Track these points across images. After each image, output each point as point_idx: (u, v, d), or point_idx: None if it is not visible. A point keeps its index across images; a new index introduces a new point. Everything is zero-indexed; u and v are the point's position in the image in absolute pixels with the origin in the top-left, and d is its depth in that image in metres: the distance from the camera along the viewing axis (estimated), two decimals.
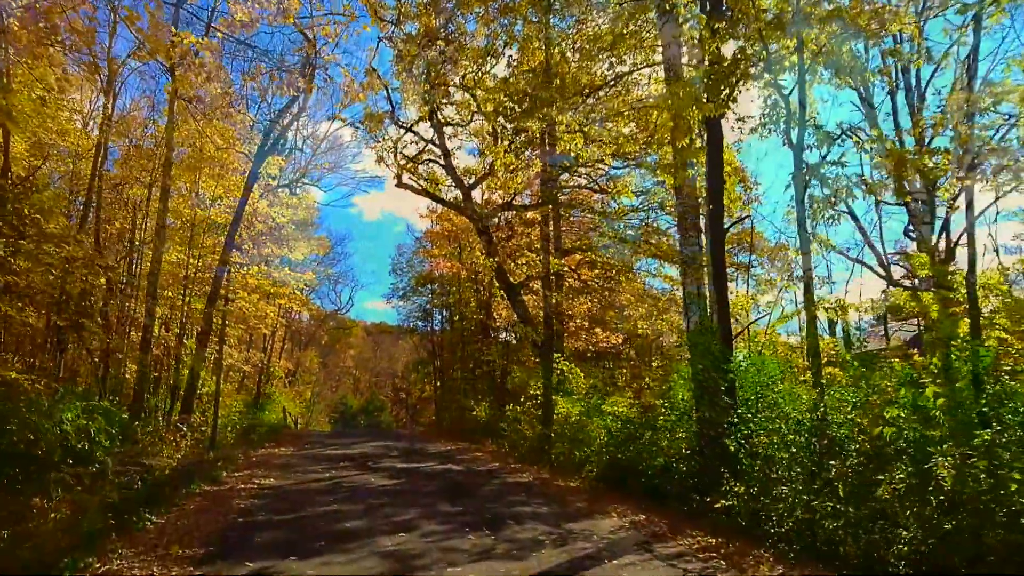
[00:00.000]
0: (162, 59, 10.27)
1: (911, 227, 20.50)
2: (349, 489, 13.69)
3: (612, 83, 14.66)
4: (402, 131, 27.73)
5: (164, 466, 15.21)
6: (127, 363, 21.14)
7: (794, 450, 9.98)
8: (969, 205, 9.85)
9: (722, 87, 8.95)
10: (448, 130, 27.85)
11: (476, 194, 30.48)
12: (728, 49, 10.71)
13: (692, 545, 8.69)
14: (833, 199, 9.45)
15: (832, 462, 9.15)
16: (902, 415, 8.36)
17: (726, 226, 12.82)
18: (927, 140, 12.21)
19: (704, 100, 8.89)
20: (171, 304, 24.34)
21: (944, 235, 19.31)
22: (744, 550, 8.40)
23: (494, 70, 25.68)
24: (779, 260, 28.69)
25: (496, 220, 31.64)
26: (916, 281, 20.57)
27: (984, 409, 7.85)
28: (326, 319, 57.94)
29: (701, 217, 13.16)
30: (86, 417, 12.13)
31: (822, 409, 9.53)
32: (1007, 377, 8.50)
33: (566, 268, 26.69)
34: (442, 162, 27.90)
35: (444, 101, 27.41)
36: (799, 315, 9.78)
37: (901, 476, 7.58)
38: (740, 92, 9.64)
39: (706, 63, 9.52)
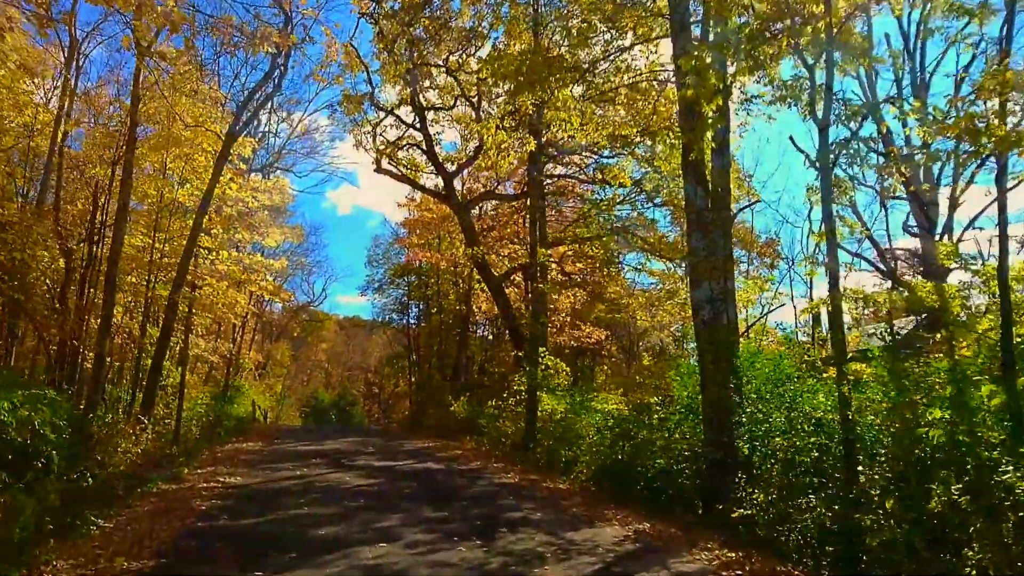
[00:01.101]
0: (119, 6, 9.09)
1: (912, 220, 19.89)
2: (322, 490, 12.59)
3: (612, 55, 13.66)
4: (382, 114, 26.68)
5: (120, 462, 14.02)
6: (86, 351, 19.85)
7: (816, 454, 9.08)
8: (999, 182, 8.92)
9: (755, 45, 7.99)
10: (429, 115, 26.83)
11: (457, 184, 29.54)
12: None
13: (711, 560, 7.72)
14: (862, 179, 8.51)
15: (863, 468, 8.27)
16: (947, 416, 7.48)
17: (734, 211, 11.88)
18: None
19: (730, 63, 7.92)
20: (135, 290, 23.04)
21: (948, 229, 18.69)
22: (771, 567, 7.45)
23: (479, 53, 24.77)
24: (768, 256, 28.03)
25: (478, 210, 30.65)
26: (918, 275, 19.94)
27: None
28: (299, 311, 56.59)
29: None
30: (29, 408, 10.91)
31: (851, 409, 8.61)
32: None
33: (552, 260, 25.67)
34: (423, 147, 26.88)
35: (427, 84, 26.39)
36: (824, 305, 8.86)
37: (957, 487, 6.65)
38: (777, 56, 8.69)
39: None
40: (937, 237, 18.04)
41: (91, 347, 19.44)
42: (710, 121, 8.71)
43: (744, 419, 10.63)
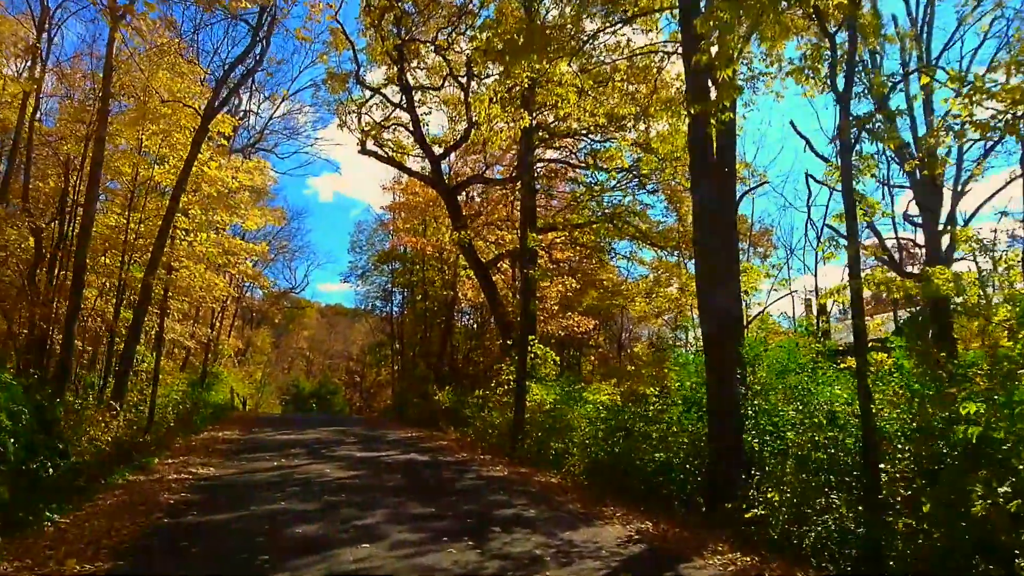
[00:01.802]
0: None
1: (913, 209, 19.33)
2: (301, 482, 11.85)
3: (612, 28, 12.91)
4: (368, 93, 25.82)
5: (86, 451, 13.23)
6: (55, 335, 18.97)
7: (832, 450, 8.45)
8: None
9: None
10: (417, 96, 26.00)
11: (445, 168, 28.75)
12: None
13: (726, 566, 7.06)
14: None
15: (886, 466, 7.67)
16: (982, 410, 6.86)
17: (741, 193, 11.24)
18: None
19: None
20: (109, 272, 22.12)
21: (951, 219, 18.14)
22: (791, 574, 6.82)
23: (469, 32, 23.96)
24: (761, 246, 27.51)
25: (464, 196, 29.89)
26: (919, 266, 19.40)
27: None
28: (280, 297, 55.61)
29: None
30: None
31: (873, 402, 8.00)
32: None
33: (541, 247, 24.96)
34: (410, 128, 26.06)
35: (415, 64, 25.56)
36: (844, 289, 8.20)
37: (1004, 490, 6.01)
38: None
39: None
40: (940, 227, 17.51)
41: (62, 330, 18.59)
42: (728, 89, 8.00)
43: (752, 412, 10.01)
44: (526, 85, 13.59)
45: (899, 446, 8.08)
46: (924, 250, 17.99)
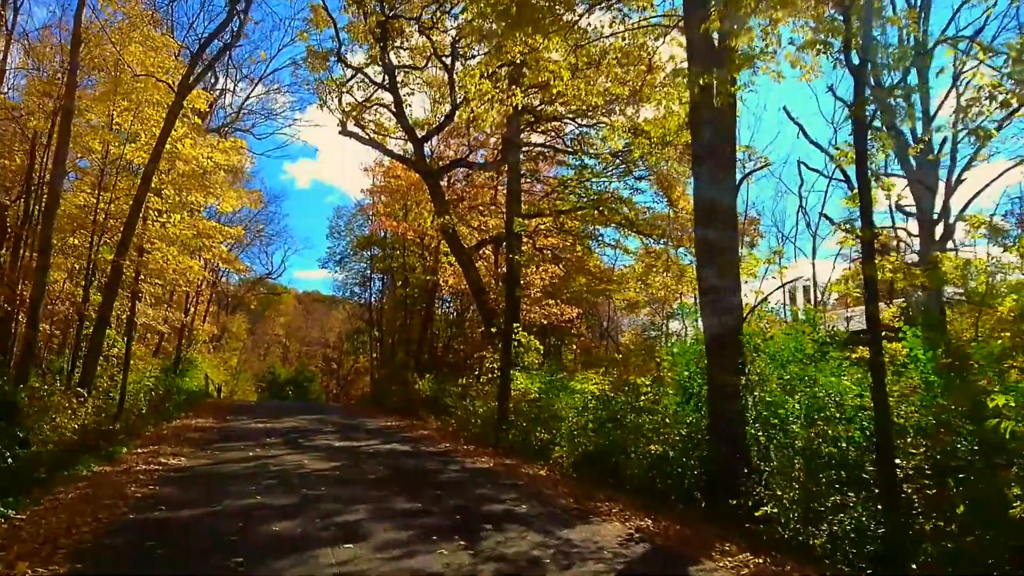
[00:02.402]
0: None
1: (908, 199, 18.97)
2: (277, 474, 11.23)
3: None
4: (349, 72, 25.11)
5: (49, 439, 12.55)
6: (19, 317, 18.18)
7: (844, 444, 8.00)
8: None
9: None
10: (400, 77, 25.31)
11: (427, 152, 28.08)
12: None
13: (738, 568, 6.57)
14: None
15: (902, 461, 7.23)
16: (1011, 403, 6.42)
17: (742, 175, 10.76)
18: None
19: None
20: (79, 254, 21.29)
21: (945, 211, 17.80)
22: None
23: (454, 11, 23.29)
24: (748, 235, 27.13)
25: (447, 180, 29.25)
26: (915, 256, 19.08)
27: None
28: (256, 283, 54.65)
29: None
30: None
31: (888, 394, 7.54)
32: None
33: (527, 231, 24.40)
34: (392, 110, 25.38)
35: (398, 44, 24.87)
36: (856, 277, 7.67)
37: None
38: None
39: None
40: (935, 217, 17.16)
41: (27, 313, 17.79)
42: (737, 60, 7.48)
43: (754, 404, 9.54)
44: (517, 61, 12.95)
45: (912, 440, 7.67)
46: (918, 240, 17.61)
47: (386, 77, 24.51)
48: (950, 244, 17.81)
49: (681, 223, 23.60)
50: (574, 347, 36.21)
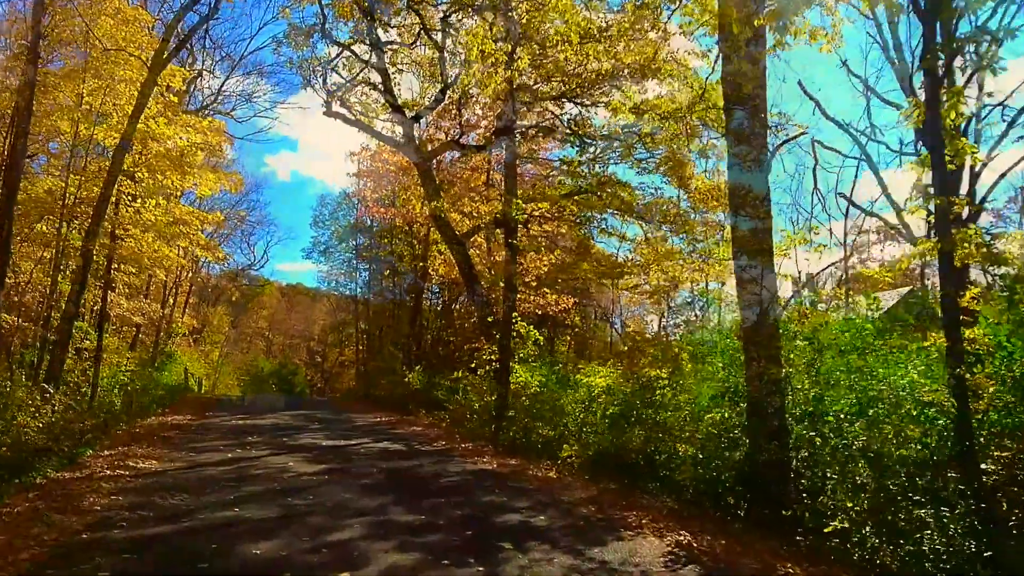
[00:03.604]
0: None
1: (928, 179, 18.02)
2: (259, 480, 10.04)
3: None
4: (335, 50, 23.77)
5: (3, 442, 11.28)
6: None
7: (919, 448, 6.92)
8: None
9: None
10: (387, 56, 24.02)
11: (417, 136, 26.82)
12: None
13: None
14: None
15: (990, 466, 6.20)
16: None
17: (780, 142, 9.66)
18: None
19: None
20: (46, 241, 19.94)
21: (971, 193, 16.89)
22: None
23: None
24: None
25: (436, 164, 28.02)
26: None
27: None
28: (239, 274, 53.21)
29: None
30: None
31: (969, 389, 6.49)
32: None
33: (523, 214, 23.22)
34: (380, 89, 24.08)
35: (385, 20, 23.58)
36: (932, 253, 6.65)
37: None
38: None
39: None
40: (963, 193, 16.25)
41: None
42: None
43: (801, 401, 8.46)
44: (523, 21, 11.81)
45: (995, 443, 6.64)
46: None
47: (373, 55, 23.21)
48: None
49: (691, 208, 22.45)
50: (567, 338, 35.20)
